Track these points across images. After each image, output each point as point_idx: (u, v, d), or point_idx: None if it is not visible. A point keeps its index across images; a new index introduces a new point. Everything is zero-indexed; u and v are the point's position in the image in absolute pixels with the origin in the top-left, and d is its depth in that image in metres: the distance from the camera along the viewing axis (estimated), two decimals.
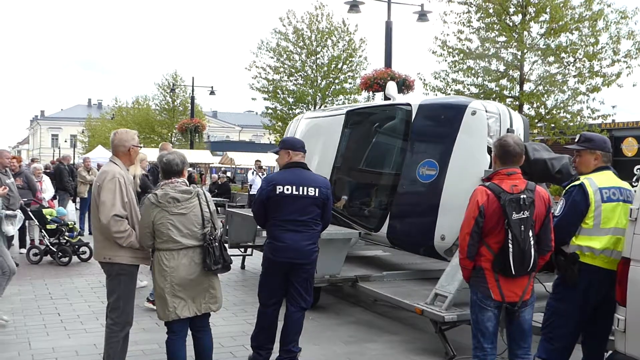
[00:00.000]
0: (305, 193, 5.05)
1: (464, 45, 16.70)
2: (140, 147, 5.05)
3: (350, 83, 25.04)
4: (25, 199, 9.95)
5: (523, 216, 3.88)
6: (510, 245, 3.87)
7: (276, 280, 5.19)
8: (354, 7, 16.92)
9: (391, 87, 8.50)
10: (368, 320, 7.12)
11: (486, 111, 6.54)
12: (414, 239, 7.13)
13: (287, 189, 5.03)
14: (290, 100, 25.16)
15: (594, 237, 4.16)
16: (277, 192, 5.04)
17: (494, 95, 16.23)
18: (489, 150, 6.21)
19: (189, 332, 4.70)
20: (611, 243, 4.15)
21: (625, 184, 4.36)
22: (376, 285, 6.95)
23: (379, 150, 8.10)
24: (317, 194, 5.08)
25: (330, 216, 5.32)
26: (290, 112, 24.56)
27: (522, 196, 3.91)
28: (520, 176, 4.06)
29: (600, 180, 4.23)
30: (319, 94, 24.56)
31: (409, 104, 7.53)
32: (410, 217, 7.17)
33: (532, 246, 3.91)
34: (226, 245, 4.67)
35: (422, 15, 17.54)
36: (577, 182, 4.25)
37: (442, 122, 6.97)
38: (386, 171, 7.83)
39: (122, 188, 4.51)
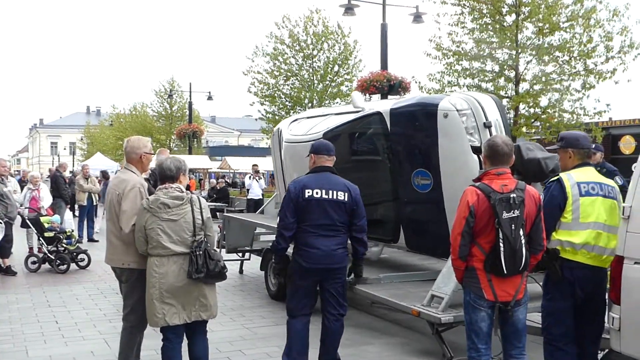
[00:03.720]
0: (334, 197, 4.94)
1: (458, 46, 16.68)
2: (152, 154, 5.19)
3: (346, 86, 25.06)
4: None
5: (513, 215, 3.89)
6: (501, 245, 3.87)
7: (307, 288, 5.07)
8: (349, 10, 16.94)
9: (357, 97, 8.33)
10: (365, 323, 7.12)
11: (457, 110, 6.30)
12: (433, 247, 7.12)
13: (317, 193, 4.92)
14: (288, 104, 25.18)
15: (573, 231, 4.22)
16: (307, 196, 4.92)
17: None
18: (475, 150, 6.15)
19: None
20: (591, 238, 4.20)
21: (608, 181, 4.45)
22: (373, 288, 6.93)
23: (368, 167, 7.97)
24: (346, 199, 4.97)
25: (364, 222, 5.14)
26: (288, 115, 24.54)
27: (512, 195, 3.92)
28: (510, 176, 4.08)
29: (579, 176, 4.31)
30: (316, 97, 24.58)
31: (379, 112, 7.34)
32: (422, 227, 7.12)
33: (524, 245, 3.92)
34: (212, 252, 4.53)
35: (417, 17, 17.60)
36: (555, 178, 4.35)
37: (418, 128, 6.81)
38: (385, 185, 7.74)
39: (143, 197, 4.67)
